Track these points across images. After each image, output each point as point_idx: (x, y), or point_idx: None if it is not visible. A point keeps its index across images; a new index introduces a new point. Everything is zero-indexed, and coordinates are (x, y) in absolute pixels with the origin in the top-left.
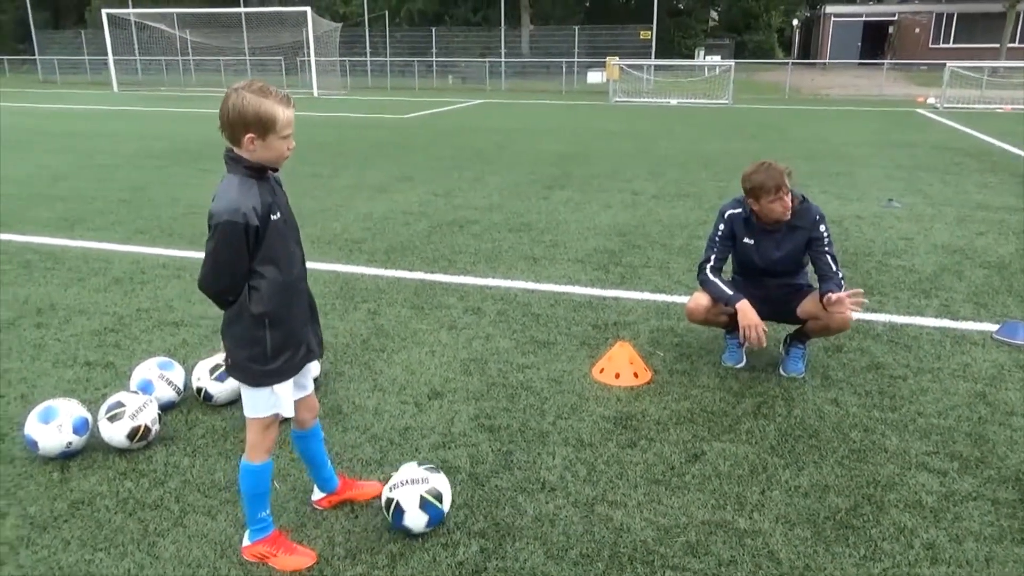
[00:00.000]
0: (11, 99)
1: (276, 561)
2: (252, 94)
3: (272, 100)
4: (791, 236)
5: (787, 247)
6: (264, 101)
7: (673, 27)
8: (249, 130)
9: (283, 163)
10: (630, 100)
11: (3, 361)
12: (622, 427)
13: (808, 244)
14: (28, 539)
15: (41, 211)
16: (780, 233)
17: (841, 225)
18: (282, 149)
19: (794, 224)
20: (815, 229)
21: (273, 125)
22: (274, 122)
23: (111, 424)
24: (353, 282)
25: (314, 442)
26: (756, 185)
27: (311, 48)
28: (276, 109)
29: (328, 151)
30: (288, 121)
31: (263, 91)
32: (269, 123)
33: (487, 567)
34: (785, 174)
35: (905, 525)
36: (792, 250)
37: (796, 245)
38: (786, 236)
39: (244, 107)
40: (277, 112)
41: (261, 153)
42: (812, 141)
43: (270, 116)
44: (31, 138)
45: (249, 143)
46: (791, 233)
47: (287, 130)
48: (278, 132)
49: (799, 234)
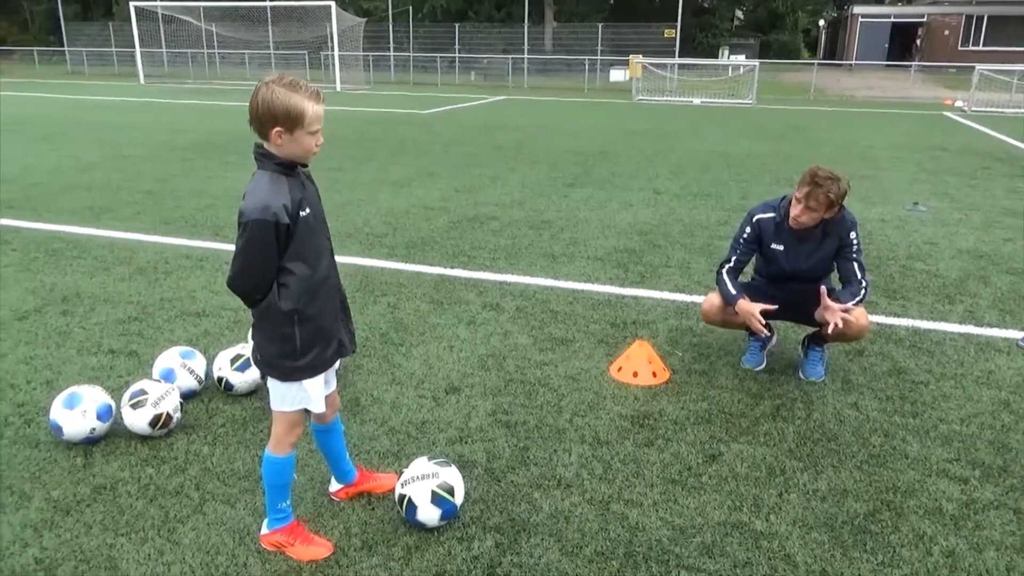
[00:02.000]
0: (41, 89)
1: (293, 551)
2: (282, 88)
3: (302, 95)
4: (822, 245)
5: (817, 256)
6: (293, 96)
7: (697, 26)
8: (277, 124)
9: (311, 158)
10: (653, 99)
11: (29, 348)
12: (639, 426)
13: (837, 250)
14: (52, 522)
15: (69, 200)
16: (812, 242)
17: (865, 228)
18: (310, 144)
19: (827, 231)
20: (847, 236)
21: (301, 120)
22: (302, 117)
23: (133, 411)
24: (374, 276)
25: (334, 436)
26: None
27: (335, 43)
28: (305, 104)
29: (351, 146)
30: (317, 116)
31: (293, 85)
32: (298, 118)
33: (502, 562)
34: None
35: (924, 532)
36: (821, 258)
37: (826, 253)
38: (818, 245)
39: (273, 101)
40: (306, 107)
41: (289, 148)
42: (837, 143)
43: (299, 111)
44: (61, 129)
45: (277, 137)
46: (823, 241)
47: (315, 125)
48: (306, 127)
49: (830, 242)
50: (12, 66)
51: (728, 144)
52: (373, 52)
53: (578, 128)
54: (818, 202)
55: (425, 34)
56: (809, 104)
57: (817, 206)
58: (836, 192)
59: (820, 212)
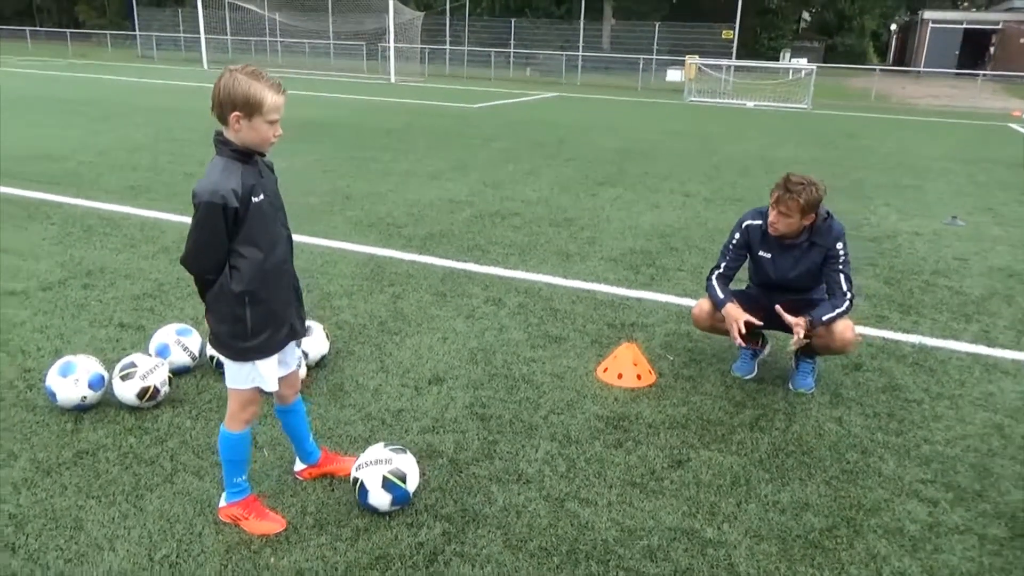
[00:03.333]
0: (110, 72)
1: (247, 524)
2: (244, 76)
3: (262, 84)
4: (809, 253)
5: (804, 265)
6: (254, 84)
7: (760, 27)
8: (236, 109)
9: (269, 148)
10: (705, 100)
11: (46, 317)
12: (612, 427)
13: (824, 260)
14: (31, 481)
15: (113, 180)
16: (799, 250)
17: (895, 241)
18: (267, 133)
19: (813, 241)
20: (832, 247)
21: (260, 107)
22: (261, 104)
23: (123, 383)
24: (385, 265)
25: (295, 417)
26: (773, 191)
27: (391, 35)
28: (265, 93)
29: (392, 137)
30: (275, 106)
31: (255, 74)
32: (256, 105)
33: (445, 550)
34: (796, 195)
35: (879, 552)
36: (808, 268)
37: (813, 263)
38: (805, 254)
39: (235, 87)
40: (265, 96)
41: (246, 134)
42: (888, 152)
43: (258, 99)
44: (120, 111)
45: (235, 122)
46: (809, 250)
47: (273, 115)
48: (264, 115)
49: (817, 251)
50: (88, 48)
51: (772, 149)
52: (430, 45)
53: (622, 127)
54: (789, 208)
55: (482, 28)
56: (868, 111)
57: (789, 211)
58: (808, 197)
59: (794, 218)
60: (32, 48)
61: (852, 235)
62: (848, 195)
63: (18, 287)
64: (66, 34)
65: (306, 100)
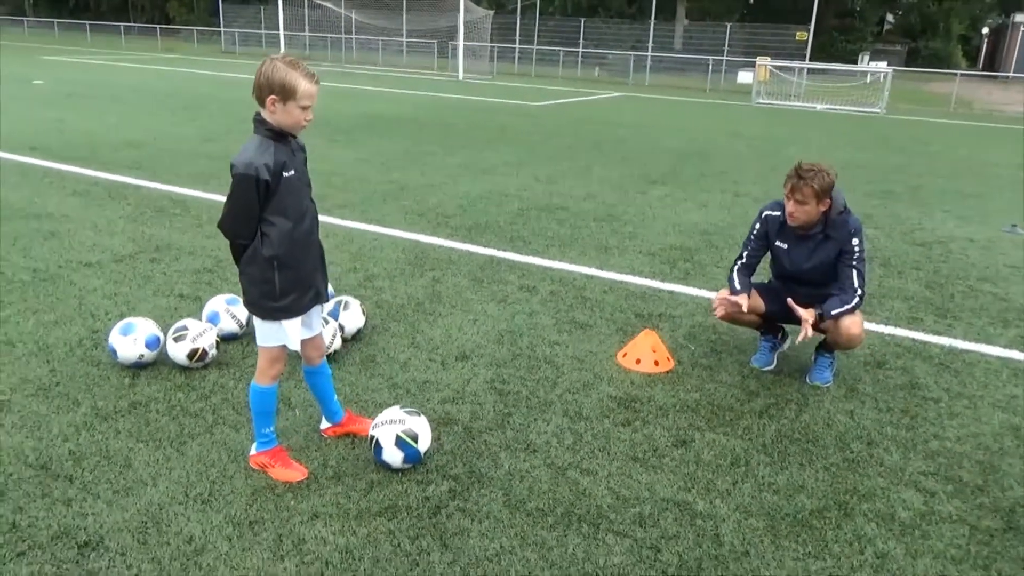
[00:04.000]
0: (196, 66)
1: (273, 471)
2: (283, 64)
3: (298, 72)
4: (823, 246)
5: (818, 257)
6: (291, 72)
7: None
8: (273, 93)
9: (300, 130)
10: (773, 103)
11: (116, 286)
12: (624, 407)
13: (839, 255)
14: (90, 425)
15: (187, 166)
16: (813, 242)
17: (946, 246)
18: (299, 117)
19: (828, 234)
20: (847, 242)
21: (294, 94)
22: (295, 91)
23: (175, 344)
24: (428, 252)
25: (321, 378)
26: (786, 182)
27: (460, 32)
28: (300, 81)
29: (451, 131)
30: (307, 93)
31: (292, 64)
32: (291, 91)
33: (448, 504)
34: (810, 181)
35: (865, 534)
36: (823, 260)
37: (827, 256)
38: (819, 246)
39: (273, 74)
40: (300, 83)
41: (280, 117)
42: (958, 159)
43: (293, 85)
44: (201, 103)
45: (271, 104)
46: (824, 243)
47: (306, 101)
48: (297, 101)
49: (831, 245)
50: (177, 43)
51: (835, 153)
52: (500, 44)
53: (684, 128)
54: (804, 195)
55: (552, 27)
56: (947, 117)
57: (804, 198)
58: (821, 182)
59: (810, 205)
60: (125, 43)
61: (902, 239)
62: (906, 200)
63: (93, 259)
64: (156, 30)
65: (374, 95)
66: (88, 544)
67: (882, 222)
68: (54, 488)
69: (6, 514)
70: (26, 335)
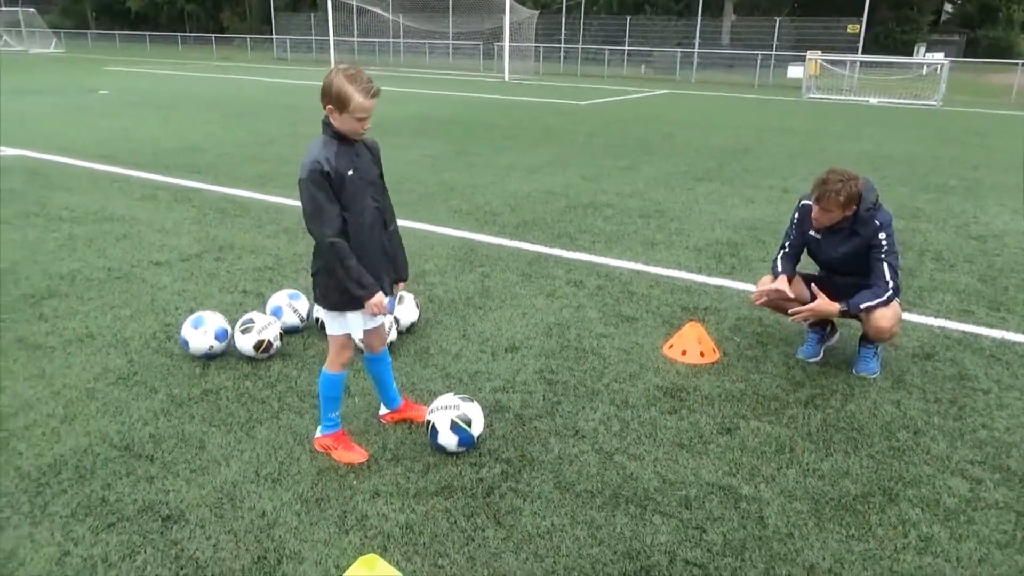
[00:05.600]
0: (250, 73)
1: (336, 454)
2: (343, 77)
3: (355, 87)
4: (851, 239)
5: (847, 248)
6: (348, 86)
7: (894, 20)
8: (331, 103)
9: (359, 136)
10: (825, 97)
11: (184, 283)
12: (670, 396)
13: (868, 249)
14: (167, 411)
15: (246, 169)
16: (842, 235)
17: (1001, 240)
18: (355, 126)
19: (856, 229)
20: (874, 236)
21: (348, 105)
22: (348, 103)
23: (242, 335)
24: (478, 249)
25: (381, 366)
26: (813, 187)
27: (507, 33)
28: (355, 95)
29: (497, 132)
30: (361, 107)
31: (352, 78)
32: (345, 102)
33: (501, 485)
34: (836, 193)
35: (909, 518)
36: (852, 252)
37: (856, 248)
38: (848, 238)
39: (332, 84)
40: (354, 97)
41: (339, 123)
42: (1017, 151)
43: (347, 98)
44: (255, 109)
45: (330, 112)
46: (851, 237)
47: (360, 113)
48: (351, 112)
49: (859, 239)
50: (231, 51)
51: (886, 146)
52: (545, 44)
53: (731, 124)
54: (830, 203)
55: (598, 26)
56: (1008, 108)
57: (830, 206)
58: (848, 193)
59: (835, 212)
60: (182, 51)
61: (956, 233)
62: (960, 193)
63: (162, 258)
64: (211, 39)
65: (422, 97)
66: (170, 517)
67: (935, 216)
68: (137, 467)
69: (96, 490)
70: (104, 329)
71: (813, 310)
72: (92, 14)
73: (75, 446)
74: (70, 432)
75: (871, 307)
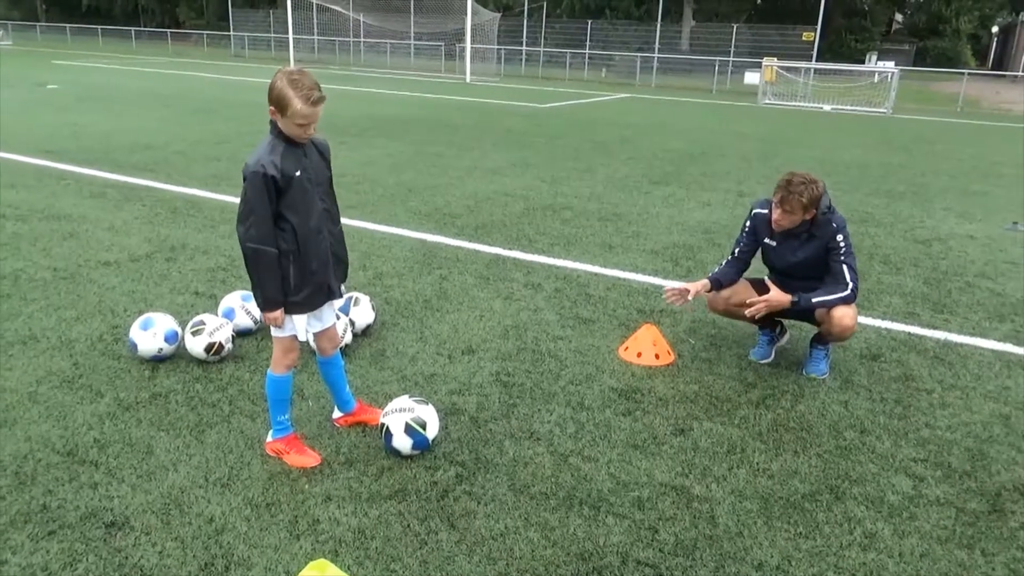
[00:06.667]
0: (206, 70)
1: (288, 458)
2: (286, 81)
3: (296, 92)
4: (808, 244)
5: (804, 253)
6: (289, 90)
7: (847, 29)
8: (271, 104)
9: (303, 140)
10: (780, 103)
11: (134, 284)
12: (625, 398)
13: (826, 252)
14: (113, 415)
15: (199, 168)
16: (799, 240)
17: (945, 243)
18: (296, 131)
19: (812, 233)
20: (832, 239)
21: (286, 110)
22: (287, 108)
23: (193, 337)
24: (436, 251)
25: (333, 369)
26: (776, 190)
27: (468, 35)
28: (294, 101)
29: (460, 134)
30: (301, 114)
31: (295, 83)
32: (285, 107)
33: (455, 488)
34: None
35: (855, 515)
36: (809, 257)
37: (814, 253)
38: (804, 243)
39: (274, 87)
40: (294, 103)
41: (282, 126)
42: (963, 158)
43: (286, 103)
44: (211, 106)
45: (272, 114)
46: (809, 241)
47: (299, 119)
48: (291, 118)
49: (816, 243)
50: (187, 47)
51: (838, 152)
52: (507, 46)
53: (688, 128)
54: (792, 206)
55: (559, 30)
56: (954, 116)
57: (792, 209)
58: (809, 195)
59: (796, 215)
60: (136, 47)
61: (902, 237)
62: (909, 199)
63: (111, 258)
64: (166, 34)
65: (383, 98)
66: (114, 524)
67: (883, 220)
68: (81, 473)
69: (37, 497)
70: (49, 330)
71: (768, 301)
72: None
73: (15, 451)
74: (9, 437)
75: (826, 303)
